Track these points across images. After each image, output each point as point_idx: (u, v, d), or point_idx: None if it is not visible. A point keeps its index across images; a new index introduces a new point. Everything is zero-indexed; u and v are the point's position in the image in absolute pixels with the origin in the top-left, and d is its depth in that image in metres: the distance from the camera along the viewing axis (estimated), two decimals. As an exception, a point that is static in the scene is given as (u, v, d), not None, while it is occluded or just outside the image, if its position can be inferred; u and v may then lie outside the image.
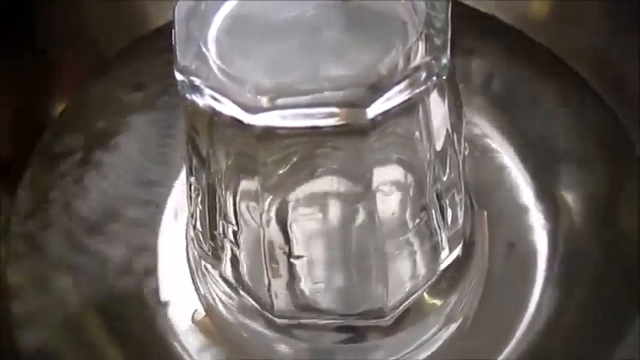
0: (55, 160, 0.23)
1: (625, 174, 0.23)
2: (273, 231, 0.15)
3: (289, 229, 0.15)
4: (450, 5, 0.15)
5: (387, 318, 0.17)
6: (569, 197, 0.22)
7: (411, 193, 0.16)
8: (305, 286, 0.16)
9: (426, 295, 0.18)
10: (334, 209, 0.15)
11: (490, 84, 0.23)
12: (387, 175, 0.15)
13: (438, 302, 0.19)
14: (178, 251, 0.21)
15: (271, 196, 0.15)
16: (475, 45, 0.24)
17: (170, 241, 0.21)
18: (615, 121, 0.23)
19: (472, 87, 0.23)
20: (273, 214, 0.15)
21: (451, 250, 0.18)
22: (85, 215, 0.22)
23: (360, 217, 0.15)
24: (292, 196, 0.15)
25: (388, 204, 0.16)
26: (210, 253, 0.17)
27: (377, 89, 0.13)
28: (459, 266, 0.19)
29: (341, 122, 0.13)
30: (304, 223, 0.16)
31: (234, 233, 0.16)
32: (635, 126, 0.23)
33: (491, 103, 0.23)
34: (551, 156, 0.23)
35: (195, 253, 0.19)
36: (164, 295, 0.21)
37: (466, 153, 0.18)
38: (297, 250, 0.16)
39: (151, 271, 0.21)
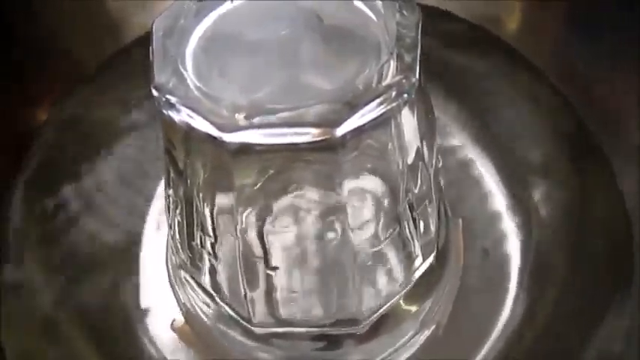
0: (37, 173, 0.23)
1: (595, 182, 0.23)
2: (249, 243, 0.16)
3: (265, 241, 0.16)
4: (421, 23, 0.15)
5: (362, 326, 0.18)
6: (542, 205, 0.22)
7: (384, 205, 0.16)
8: (281, 296, 0.17)
9: (400, 302, 0.19)
10: (308, 221, 0.16)
11: (465, 94, 0.24)
12: (360, 188, 0.16)
13: (412, 309, 0.19)
14: (159, 259, 0.21)
15: (246, 209, 0.15)
16: (452, 55, 0.24)
17: (151, 249, 0.22)
18: (586, 130, 0.24)
19: (448, 97, 0.24)
20: (248, 226, 0.15)
21: (424, 258, 0.18)
22: (66, 223, 0.22)
23: (334, 228, 0.16)
24: (267, 209, 0.16)
25: (361, 216, 0.16)
26: (188, 263, 0.18)
27: (350, 107, 0.14)
28: (433, 273, 0.19)
29: (315, 139, 0.14)
30: (279, 235, 0.16)
31: (212, 245, 0.16)
32: (605, 135, 0.23)
33: (466, 113, 0.24)
34: (524, 165, 0.23)
35: (175, 261, 0.19)
36: (144, 303, 0.21)
37: (440, 165, 0.18)
38: (273, 261, 0.16)
39: (132, 278, 0.21)
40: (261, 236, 0.16)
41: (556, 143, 0.23)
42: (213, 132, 0.13)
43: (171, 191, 0.17)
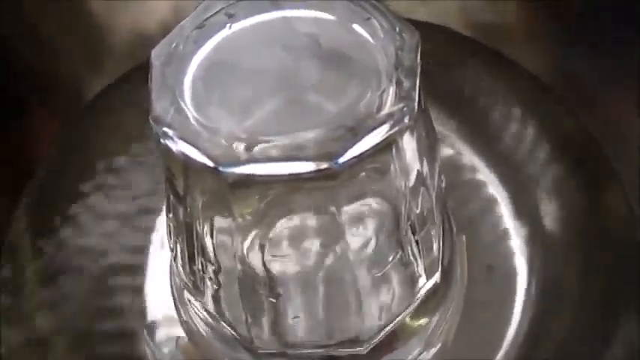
0: (49, 194, 0.23)
1: (603, 195, 0.23)
2: (250, 270, 0.16)
3: (265, 268, 0.16)
4: (420, 46, 0.15)
5: (366, 346, 0.18)
6: (548, 219, 0.22)
7: (386, 229, 0.16)
8: (283, 321, 0.17)
9: (405, 321, 0.19)
10: (309, 247, 0.16)
11: (470, 108, 0.24)
12: (360, 213, 0.16)
13: (417, 327, 0.19)
14: (164, 277, 0.21)
15: (246, 236, 0.15)
16: (453, 67, 0.24)
17: (157, 266, 0.22)
18: (593, 143, 0.23)
19: (452, 112, 0.23)
20: (248, 253, 0.15)
21: (428, 277, 0.18)
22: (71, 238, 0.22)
23: (335, 254, 0.16)
24: (266, 235, 0.15)
25: (362, 240, 0.16)
26: (191, 286, 0.18)
27: (352, 134, 0.14)
28: (437, 291, 0.19)
29: (315, 169, 0.13)
30: (280, 262, 0.16)
31: (214, 272, 0.16)
32: (611, 147, 0.23)
33: (471, 126, 0.23)
34: (530, 179, 0.23)
35: (178, 282, 0.19)
36: (148, 321, 0.21)
37: (443, 185, 0.18)
38: (273, 288, 0.16)
39: (136, 296, 0.21)
40: (260, 263, 0.16)
41: (562, 157, 0.23)
42: (211, 164, 0.13)
43: (171, 216, 0.17)
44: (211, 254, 0.16)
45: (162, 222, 0.22)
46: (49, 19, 0.24)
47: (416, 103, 0.14)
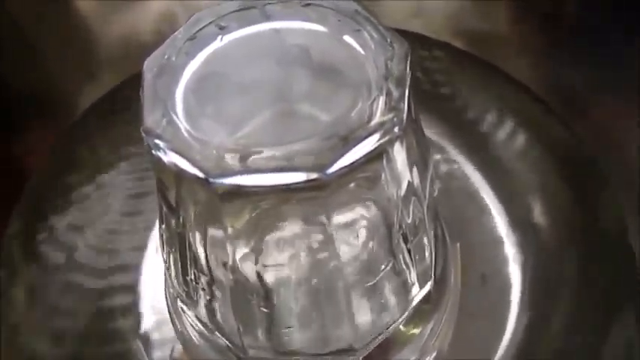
0: (41, 200, 0.23)
1: (596, 202, 0.23)
2: (242, 280, 0.16)
3: (257, 278, 0.16)
4: (410, 55, 0.15)
5: (359, 355, 0.18)
6: (542, 227, 0.22)
7: (377, 239, 0.16)
8: (276, 331, 0.17)
9: (399, 329, 0.19)
10: (300, 257, 0.16)
11: (462, 118, 0.24)
12: (352, 222, 0.16)
13: (411, 336, 0.19)
14: (159, 287, 0.21)
15: (237, 247, 0.15)
16: (446, 78, 0.24)
17: (152, 275, 0.22)
18: (586, 153, 0.23)
19: (444, 120, 0.24)
20: (240, 264, 0.16)
21: (421, 286, 0.18)
22: (67, 249, 0.22)
23: (327, 263, 0.16)
24: (258, 246, 0.16)
25: (354, 250, 0.16)
26: (184, 296, 0.18)
27: (343, 144, 0.14)
28: (431, 300, 0.19)
29: (306, 179, 0.14)
30: (272, 271, 0.16)
31: (207, 282, 0.16)
32: (605, 158, 0.23)
33: (463, 135, 0.24)
34: (524, 187, 0.23)
35: (172, 292, 0.19)
36: (142, 331, 0.21)
37: (435, 194, 0.18)
38: (266, 297, 0.16)
39: (131, 306, 0.21)
40: (252, 273, 0.16)
41: (555, 165, 0.23)
42: (202, 176, 0.13)
43: (164, 226, 0.17)
44: (204, 265, 0.16)
45: (155, 233, 0.22)
46: (43, 32, 0.24)
47: (405, 113, 0.14)
